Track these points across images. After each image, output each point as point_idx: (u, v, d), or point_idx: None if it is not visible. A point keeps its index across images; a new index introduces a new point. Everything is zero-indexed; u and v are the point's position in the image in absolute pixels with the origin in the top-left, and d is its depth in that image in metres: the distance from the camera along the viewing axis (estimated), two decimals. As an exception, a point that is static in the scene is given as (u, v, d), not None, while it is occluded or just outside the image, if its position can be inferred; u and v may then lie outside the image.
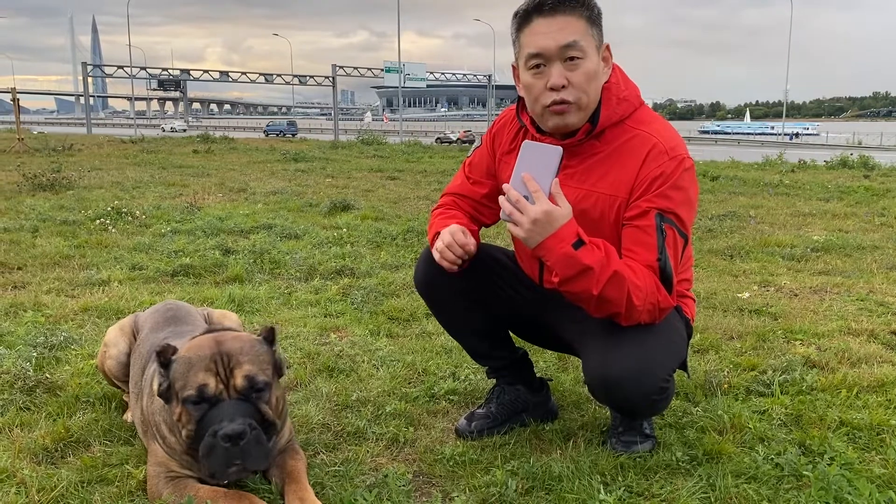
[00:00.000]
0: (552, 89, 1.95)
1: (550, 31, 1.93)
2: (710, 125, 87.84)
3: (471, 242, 2.06)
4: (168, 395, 1.77)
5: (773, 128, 67.93)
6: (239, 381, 1.71)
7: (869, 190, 9.86)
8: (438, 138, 46.94)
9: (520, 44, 2.01)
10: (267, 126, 61.96)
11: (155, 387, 1.92)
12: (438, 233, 2.12)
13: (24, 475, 2.01)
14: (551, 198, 1.85)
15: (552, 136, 2.05)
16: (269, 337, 1.86)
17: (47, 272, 4.65)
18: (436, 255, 2.07)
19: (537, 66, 1.97)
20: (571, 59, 1.93)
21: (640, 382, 1.99)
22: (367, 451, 2.23)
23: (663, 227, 1.93)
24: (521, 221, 1.84)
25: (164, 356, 1.76)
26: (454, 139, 45.52)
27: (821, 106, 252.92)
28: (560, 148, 1.88)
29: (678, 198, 1.95)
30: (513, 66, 2.09)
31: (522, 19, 1.98)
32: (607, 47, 2.01)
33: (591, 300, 1.90)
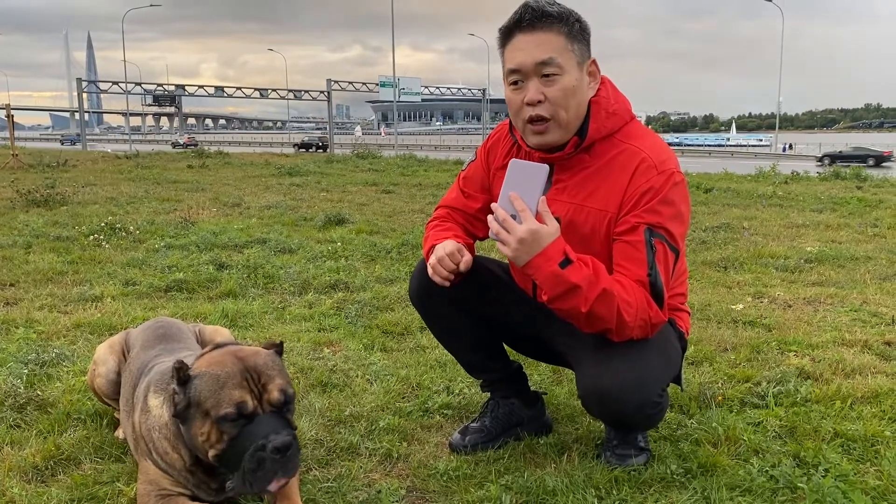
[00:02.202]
0: (528, 104, 1.96)
1: (528, 47, 1.95)
2: (671, 137, 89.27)
3: (465, 260, 2.06)
4: (188, 415, 1.72)
5: (728, 139, 69.90)
6: (275, 395, 1.71)
7: (862, 201, 9.90)
8: (172, 143, 61.48)
9: (503, 59, 2.03)
10: (62, 136, 75.40)
11: (151, 402, 1.90)
12: (433, 246, 2.12)
13: (14, 494, 1.99)
14: (538, 216, 1.85)
15: (542, 150, 2.06)
16: (279, 351, 1.88)
17: (40, 288, 4.63)
18: (429, 271, 2.08)
19: (515, 81, 1.99)
20: (547, 75, 1.94)
21: (633, 396, 1.99)
22: (361, 467, 2.21)
23: (653, 243, 1.93)
24: (509, 241, 1.84)
25: (183, 372, 1.72)
26: (182, 143, 58.04)
27: (813, 118, 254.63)
28: (547, 166, 1.88)
29: (667, 212, 1.95)
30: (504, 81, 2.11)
31: (505, 35, 2.01)
32: (593, 62, 2.02)
33: (580, 317, 1.90)
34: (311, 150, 48.37)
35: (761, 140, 64.62)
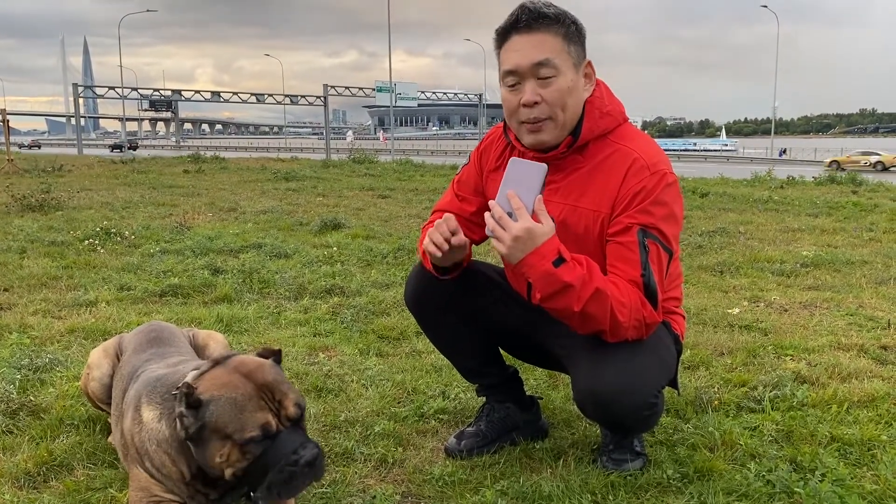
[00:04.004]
0: (525, 106, 1.97)
1: (525, 49, 1.95)
2: None
3: (461, 236, 2.02)
4: (202, 438, 1.70)
5: (695, 144, 71.54)
6: (291, 410, 1.72)
7: (857, 205, 9.91)
8: (18, 145, 69.31)
9: (499, 60, 2.03)
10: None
11: (145, 414, 1.88)
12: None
13: (6, 500, 1.97)
14: (534, 215, 1.85)
15: (536, 150, 2.06)
16: (278, 360, 1.86)
17: (34, 293, 4.61)
18: (425, 241, 2.04)
19: (512, 83, 1.99)
20: (544, 77, 1.95)
21: (630, 397, 1.99)
22: (356, 473, 2.20)
23: (646, 243, 1.93)
24: (504, 238, 1.84)
25: (193, 397, 1.69)
26: (27, 144, 66.86)
27: (809, 122, 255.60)
28: (545, 165, 1.88)
29: (660, 213, 1.95)
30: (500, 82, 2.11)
31: (501, 36, 2.01)
32: (589, 64, 2.03)
33: (573, 317, 1.90)
34: (122, 150, 58.50)
35: (726, 145, 66.50)
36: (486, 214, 1.88)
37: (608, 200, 1.99)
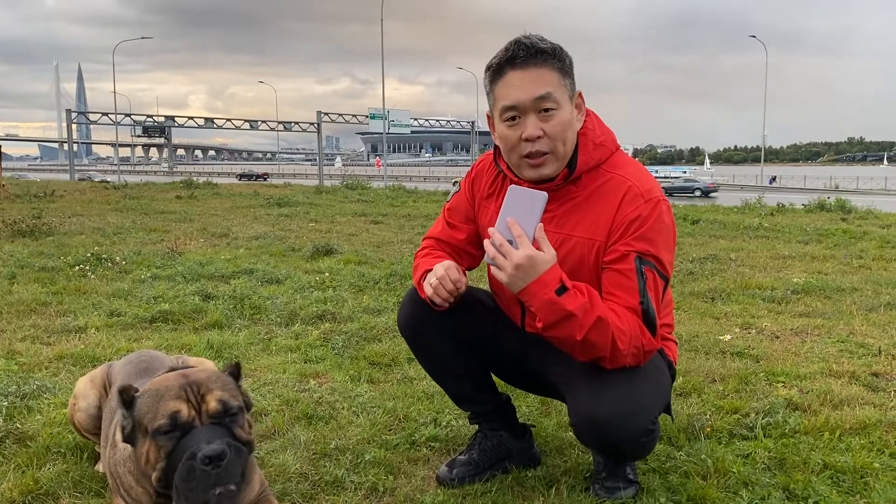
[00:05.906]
0: (527, 140, 1.97)
1: (523, 84, 1.95)
2: None
3: (463, 280, 2.08)
4: (134, 437, 1.67)
5: (657, 171, 74.31)
6: (212, 405, 1.63)
7: (847, 233, 9.98)
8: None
9: (494, 96, 2.03)
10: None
11: (118, 436, 1.86)
12: (427, 272, 2.12)
13: (-11, 530, 1.94)
14: (535, 243, 1.85)
15: (533, 182, 2.07)
16: (235, 372, 1.80)
17: (23, 319, 4.57)
18: (428, 290, 2.07)
19: (512, 118, 1.99)
20: (546, 110, 1.96)
21: (628, 423, 1.98)
22: (346, 501, 2.18)
23: (643, 270, 1.93)
24: (505, 266, 1.84)
25: (127, 394, 1.67)
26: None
27: (798, 151, 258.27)
28: (545, 193, 1.89)
29: (656, 240, 1.96)
30: (487, 115, 2.12)
31: (495, 72, 2.00)
32: (580, 95, 2.05)
33: (574, 345, 1.89)
34: None
35: (685, 172, 68.80)
36: (486, 242, 1.88)
37: (603, 228, 2.00)
